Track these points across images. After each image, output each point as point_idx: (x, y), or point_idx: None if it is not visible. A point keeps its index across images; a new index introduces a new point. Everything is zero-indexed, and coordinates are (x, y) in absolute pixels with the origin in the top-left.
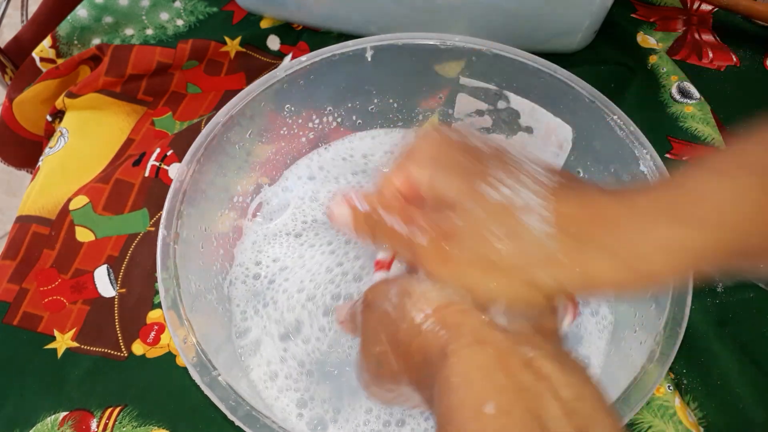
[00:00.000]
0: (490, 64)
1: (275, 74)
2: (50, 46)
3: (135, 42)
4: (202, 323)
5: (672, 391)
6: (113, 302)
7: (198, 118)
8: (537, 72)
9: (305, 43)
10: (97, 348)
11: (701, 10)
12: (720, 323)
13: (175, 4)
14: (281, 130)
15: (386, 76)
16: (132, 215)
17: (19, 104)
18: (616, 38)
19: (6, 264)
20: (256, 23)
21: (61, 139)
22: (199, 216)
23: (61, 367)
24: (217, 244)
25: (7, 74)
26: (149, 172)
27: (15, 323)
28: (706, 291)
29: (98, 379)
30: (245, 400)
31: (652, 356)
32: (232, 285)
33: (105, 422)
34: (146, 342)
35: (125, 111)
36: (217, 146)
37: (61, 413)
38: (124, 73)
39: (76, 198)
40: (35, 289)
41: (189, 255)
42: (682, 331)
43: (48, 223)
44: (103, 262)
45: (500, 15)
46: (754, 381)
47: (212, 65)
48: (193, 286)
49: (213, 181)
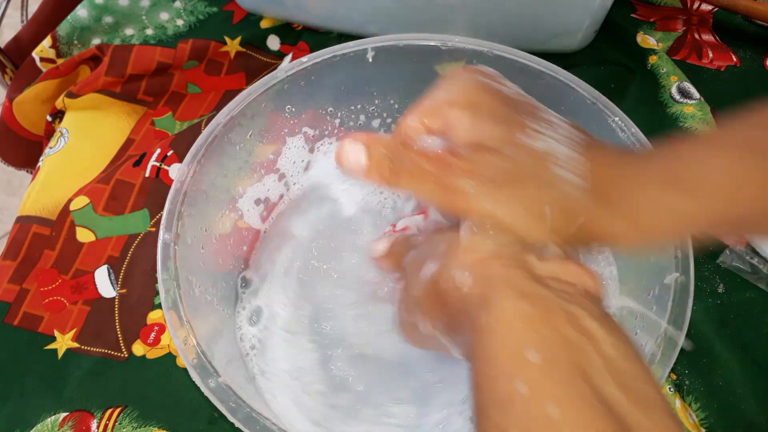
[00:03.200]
0: (492, 65)
1: (276, 75)
2: (50, 46)
3: (135, 42)
4: (203, 324)
5: (672, 393)
6: (113, 303)
7: (198, 118)
8: (538, 73)
9: (305, 43)
10: (98, 348)
11: (701, 10)
12: (721, 324)
13: (175, 4)
14: (282, 131)
15: (387, 77)
16: (132, 216)
17: (19, 104)
18: (616, 38)
19: (6, 264)
20: (256, 23)
21: (61, 140)
22: (200, 217)
23: (61, 367)
24: (218, 244)
25: (7, 74)
26: (150, 172)
27: (15, 324)
28: (707, 291)
29: (98, 380)
30: (245, 401)
31: (653, 358)
32: (233, 286)
33: (105, 423)
34: (146, 343)
35: (125, 111)
36: (217, 147)
37: (62, 414)
38: (124, 73)
39: (76, 198)
40: (36, 290)
41: (189, 256)
42: (684, 333)
43: (48, 223)
44: (104, 263)
45: (500, 15)
46: (756, 382)
47: (212, 65)
48: (193, 287)
49: (214, 182)
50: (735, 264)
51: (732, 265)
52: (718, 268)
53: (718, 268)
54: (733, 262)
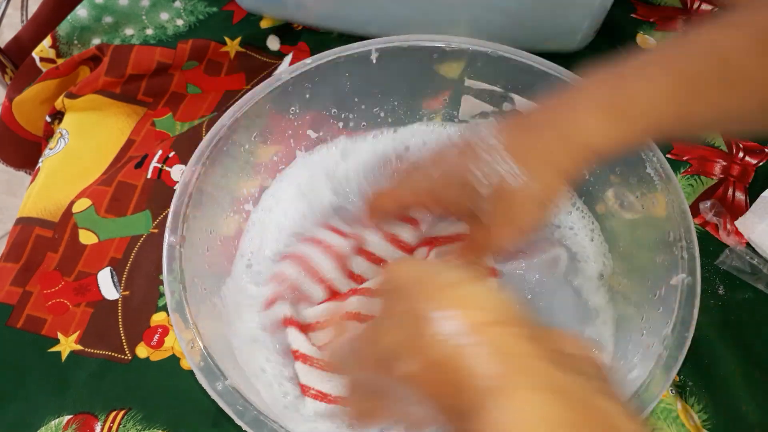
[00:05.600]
0: (496, 66)
1: (280, 76)
2: (50, 46)
3: (135, 42)
4: (208, 326)
5: (674, 394)
6: (117, 305)
7: (199, 118)
8: (543, 74)
9: (305, 43)
10: (101, 351)
11: (701, 10)
12: (723, 325)
13: (175, 4)
14: (286, 132)
15: (391, 78)
16: (135, 217)
17: (19, 104)
18: (616, 38)
19: (8, 266)
20: (256, 23)
21: (61, 141)
22: (205, 218)
23: (65, 370)
24: (223, 246)
25: (7, 74)
26: (151, 173)
27: (19, 326)
28: (708, 293)
29: (102, 382)
30: (252, 404)
31: (659, 360)
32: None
33: (109, 426)
34: (150, 345)
35: (125, 112)
36: (222, 148)
37: (65, 416)
38: (124, 74)
39: (79, 201)
40: (39, 292)
41: (194, 258)
42: (690, 335)
43: (50, 225)
44: (107, 265)
45: (500, 15)
46: (757, 384)
47: (212, 65)
48: (198, 289)
49: (218, 184)
50: (734, 264)
51: (731, 266)
52: (717, 269)
53: (718, 269)
54: (732, 262)
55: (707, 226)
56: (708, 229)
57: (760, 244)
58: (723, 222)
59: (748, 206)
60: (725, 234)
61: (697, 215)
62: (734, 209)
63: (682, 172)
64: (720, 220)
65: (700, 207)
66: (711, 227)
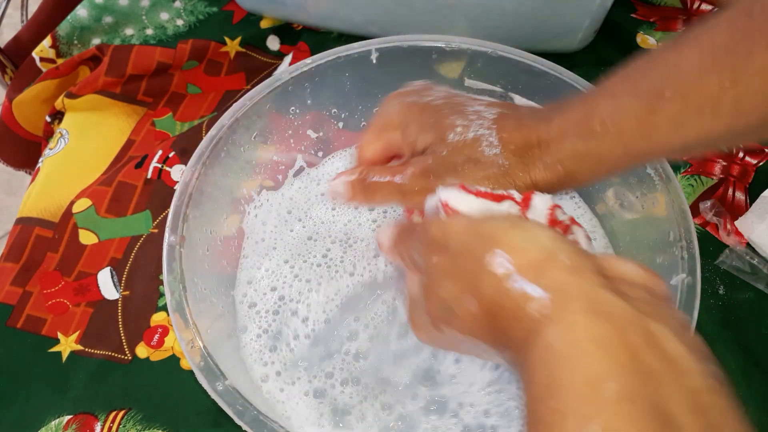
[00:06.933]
0: (496, 66)
1: (280, 77)
2: (50, 46)
3: (135, 42)
4: (208, 326)
5: None
6: (117, 305)
7: (199, 118)
8: (543, 74)
9: (305, 43)
10: (101, 351)
11: (701, 10)
12: (723, 324)
13: (175, 4)
14: (286, 133)
15: (391, 78)
16: (135, 217)
17: (19, 104)
18: (616, 38)
19: (8, 266)
20: (256, 23)
21: (61, 141)
22: (204, 218)
23: (65, 370)
24: (223, 246)
25: (7, 74)
26: (151, 174)
27: (19, 326)
28: (708, 292)
29: (102, 382)
30: (252, 404)
31: None
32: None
33: (109, 426)
34: (150, 345)
35: (125, 112)
36: (222, 148)
37: (66, 416)
38: (124, 74)
39: (79, 201)
40: (39, 292)
41: (194, 258)
42: None
43: (50, 225)
44: (107, 265)
45: (500, 15)
46: (757, 384)
47: (212, 65)
48: (198, 289)
49: (218, 184)
50: (734, 264)
51: (731, 266)
52: (717, 269)
53: (718, 269)
54: (732, 262)
55: (707, 226)
56: (708, 229)
57: (760, 244)
58: (723, 222)
59: (748, 206)
60: (725, 234)
61: (697, 215)
62: (734, 209)
63: (682, 172)
64: (720, 220)
65: (700, 207)
66: (711, 227)
